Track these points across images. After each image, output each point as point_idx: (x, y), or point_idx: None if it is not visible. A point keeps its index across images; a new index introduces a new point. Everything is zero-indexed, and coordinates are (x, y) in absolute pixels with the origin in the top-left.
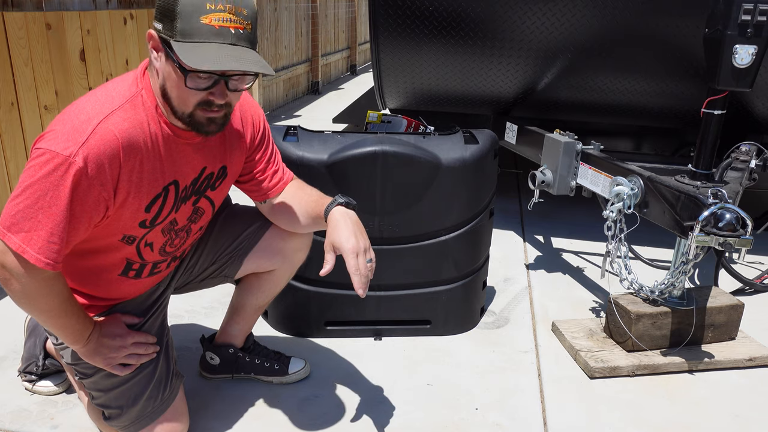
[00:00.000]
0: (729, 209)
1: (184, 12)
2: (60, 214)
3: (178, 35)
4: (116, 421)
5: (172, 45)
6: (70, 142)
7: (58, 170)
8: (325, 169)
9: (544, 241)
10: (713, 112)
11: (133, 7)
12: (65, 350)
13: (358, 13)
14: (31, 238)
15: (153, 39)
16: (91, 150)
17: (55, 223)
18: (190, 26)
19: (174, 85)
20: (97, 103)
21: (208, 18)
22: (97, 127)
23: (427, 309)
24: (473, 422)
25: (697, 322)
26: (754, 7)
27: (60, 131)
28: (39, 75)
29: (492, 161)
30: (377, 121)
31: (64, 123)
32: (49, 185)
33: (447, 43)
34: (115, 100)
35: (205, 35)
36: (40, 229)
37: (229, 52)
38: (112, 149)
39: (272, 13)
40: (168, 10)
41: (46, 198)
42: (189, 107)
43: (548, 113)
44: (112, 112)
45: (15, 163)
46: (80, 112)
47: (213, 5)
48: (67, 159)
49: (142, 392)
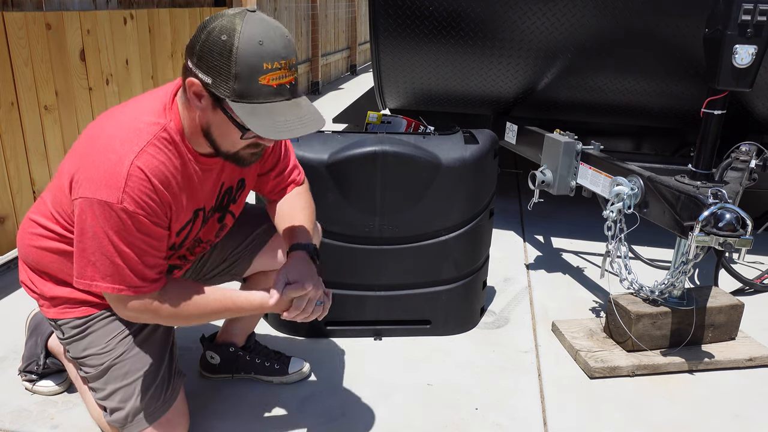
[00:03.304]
0: (729, 209)
1: (241, 75)
2: (138, 247)
3: (235, 96)
4: (118, 418)
5: (229, 104)
6: (112, 188)
7: (116, 215)
8: (325, 169)
9: (544, 241)
10: (713, 112)
11: (133, 7)
12: (72, 344)
13: (358, 13)
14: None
15: (196, 87)
16: (133, 191)
17: (141, 253)
18: (248, 88)
19: (224, 133)
20: (125, 141)
21: (266, 78)
22: (131, 169)
23: (427, 309)
24: (473, 422)
25: (697, 322)
26: (754, 7)
27: (96, 178)
28: (39, 75)
29: (492, 161)
30: (377, 121)
31: (97, 167)
32: (116, 228)
33: (447, 43)
34: (142, 135)
35: (264, 95)
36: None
37: (291, 112)
38: (150, 187)
39: (272, 13)
40: (221, 70)
41: (118, 237)
42: (236, 149)
43: (548, 113)
44: (141, 151)
45: (15, 164)
46: (109, 151)
47: (269, 65)
48: (117, 205)
49: (147, 390)
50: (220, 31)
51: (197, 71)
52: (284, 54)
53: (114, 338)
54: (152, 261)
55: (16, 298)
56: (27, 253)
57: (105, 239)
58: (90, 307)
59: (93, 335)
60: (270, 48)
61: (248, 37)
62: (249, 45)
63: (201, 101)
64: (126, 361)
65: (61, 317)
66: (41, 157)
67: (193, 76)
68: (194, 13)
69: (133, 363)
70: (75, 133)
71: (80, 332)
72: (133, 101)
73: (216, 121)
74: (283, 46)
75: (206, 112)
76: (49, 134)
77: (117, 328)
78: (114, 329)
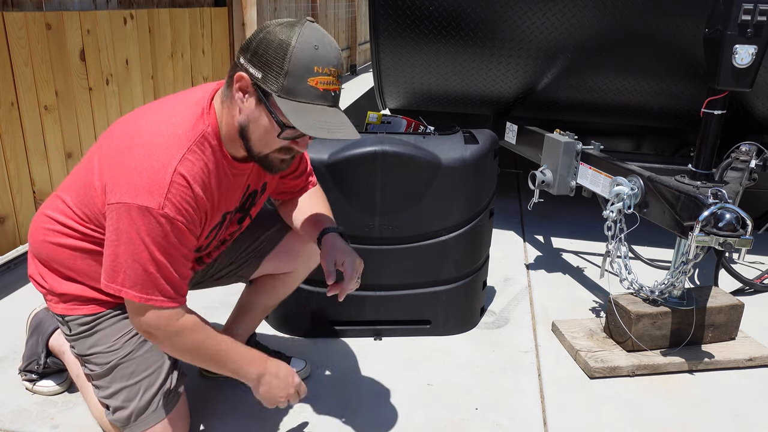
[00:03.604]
0: (729, 209)
1: (293, 72)
2: (171, 256)
3: (282, 92)
4: (121, 418)
5: (275, 99)
6: (154, 194)
7: (155, 221)
8: (325, 169)
9: (544, 241)
10: (713, 112)
11: (133, 7)
12: (79, 341)
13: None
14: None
15: (244, 82)
16: (175, 198)
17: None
18: (297, 86)
19: (262, 130)
20: (167, 148)
21: (314, 80)
22: (174, 176)
23: (427, 309)
24: (473, 422)
25: (697, 322)
26: (754, 7)
27: (138, 184)
28: (39, 75)
29: (492, 161)
30: (377, 121)
31: (140, 173)
32: (153, 235)
33: (447, 43)
34: (183, 140)
35: (310, 97)
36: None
37: (331, 117)
38: (191, 194)
39: (272, 13)
40: (273, 64)
41: (155, 244)
42: (268, 150)
43: (548, 113)
44: (183, 157)
45: (15, 164)
46: (152, 158)
47: (321, 68)
48: (157, 211)
49: (151, 391)
50: (279, 31)
51: (248, 66)
52: (335, 63)
53: (122, 337)
54: (184, 271)
55: (16, 298)
56: (40, 248)
57: (141, 246)
58: (99, 305)
59: (101, 333)
60: (323, 54)
61: (305, 40)
62: (305, 46)
63: (245, 97)
64: (132, 361)
65: (70, 313)
66: (41, 157)
67: (243, 71)
68: (194, 13)
69: (139, 363)
70: (75, 133)
71: (88, 329)
72: (168, 102)
73: (256, 117)
74: (335, 56)
75: (248, 108)
76: (49, 134)
77: (125, 327)
78: (122, 328)
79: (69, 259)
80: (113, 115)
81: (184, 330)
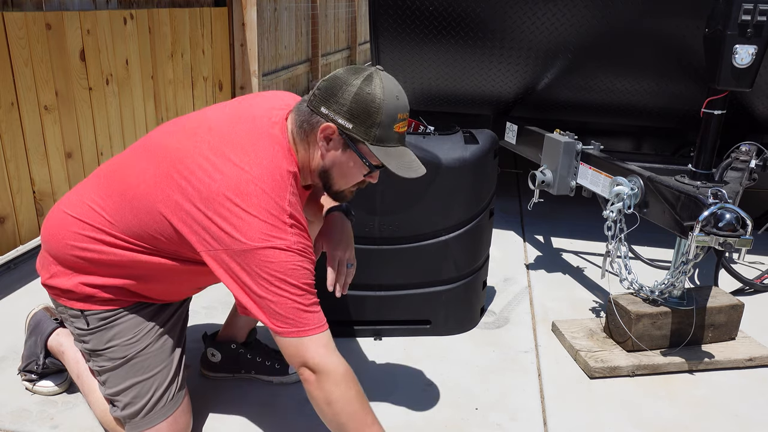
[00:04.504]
0: (729, 209)
1: (384, 123)
2: (309, 284)
3: (374, 140)
4: (129, 413)
5: (367, 147)
6: (283, 234)
7: (294, 256)
8: None
9: (544, 241)
10: (713, 112)
11: (133, 7)
12: (96, 335)
13: (358, 13)
14: (315, 318)
15: (330, 130)
16: (296, 234)
17: (311, 287)
18: (386, 134)
19: (347, 172)
20: (274, 194)
21: (398, 126)
22: (290, 218)
23: (427, 309)
24: (473, 422)
25: (697, 322)
26: (754, 7)
27: (265, 229)
28: (39, 75)
29: (492, 161)
30: None
31: (263, 221)
32: (295, 267)
33: (447, 43)
34: (283, 185)
35: (394, 141)
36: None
37: (407, 155)
38: (303, 227)
39: (272, 13)
40: (366, 117)
41: (298, 277)
42: (348, 186)
43: (548, 113)
44: (289, 201)
45: (15, 164)
46: (267, 207)
47: (402, 115)
48: (291, 246)
49: (161, 387)
50: (365, 85)
51: (336, 117)
52: (408, 107)
53: (141, 330)
54: (315, 291)
55: (16, 298)
56: (66, 251)
57: (284, 284)
58: (118, 303)
59: (121, 326)
60: (403, 102)
61: (390, 92)
62: (390, 98)
63: (329, 144)
64: (148, 355)
65: (89, 308)
66: (41, 157)
67: (330, 121)
68: (194, 13)
69: (153, 358)
70: (75, 133)
71: (108, 323)
72: (246, 144)
73: (343, 161)
74: (406, 101)
75: (332, 153)
76: (49, 134)
77: (143, 321)
78: (141, 321)
79: (97, 264)
80: (113, 115)
81: (346, 368)
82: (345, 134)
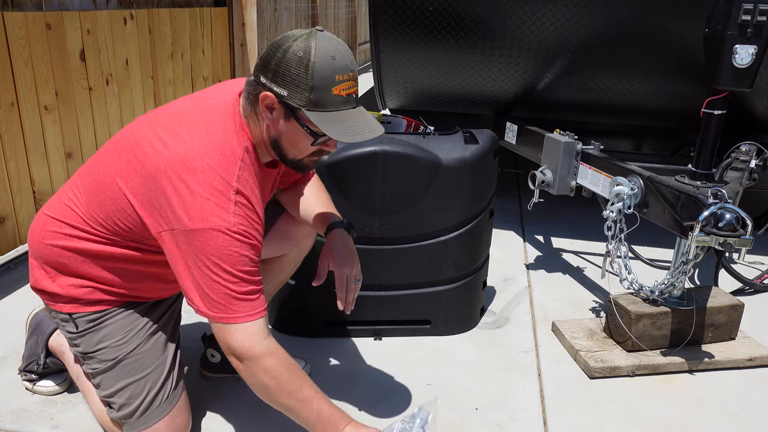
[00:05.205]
0: (729, 209)
1: (318, 86)
2: (248, 271)
3: (311, 105)
4: (125, 414)
5: (305, 114)
6: (224, 214)
7: (232, 238)
8: (325, 169)
9: (544, 241)
10: (713, 112)
11: (133, 7)
12: (86, 337)
13: (358, 13)
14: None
15: (269, 100)
16: (242, 214)
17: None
18: (323, 98)
19: (294, 141)
20: (221, 170)
21: (337, 89)
22: (236, 196)
23: (427, 309)
24: (473, 422)
25: (697, 322)
26: (754, 7)
27: (206, 208)
28: (39, 75)
29: (492, 161)
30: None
31: (206, 198)
32: (232, 253)
33: (447, 43)
34: (233, 161)
35: (337, 105)
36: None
37: (357, 118)
38: (251, 208)
39: (272, 13)
40: (297, 82)
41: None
42: (302, 156)
43: (548, 113)
44: (238, 177)
45: (15, 164)
46: (213, 182)
47: (341, 76)
48: (230, 229)
49: (155, 386)
50: (297, 49)
51: (272, 85)
52: (351, 67)
53: (130, 331)
54: (257, 279)
55: (16, 298)
56: (43, 250)
57: (218, 268)
58: (106, 303)
59: (110, 327)
60: (341, 62)
61: (323, 53)
62: (324, 59)
63: (273, 113)
64: (139, 356)
65: (77, 311)
66: (41, 157)
67: (267, 90)
68: (194, 13)
69: (145, 358)
70: (75, 133)
71: (96, 324)
72: (199, 123)
73: (287, 130)
74: (350, 60)
75: (277, 123)
76: (49, 134)
77: (133, 321)
78: (131, 322)
79: (77, 261)
80: (113, 115)
81: (270, 352)
82: (283, 102)
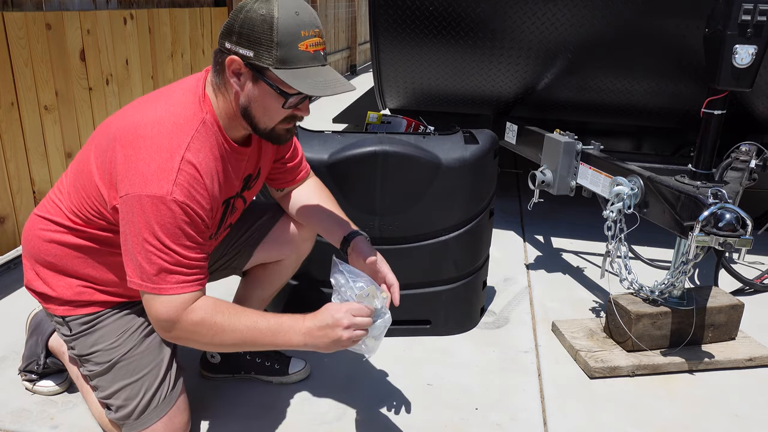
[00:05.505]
0: (729, 209)
1: (284, 42)
2: (183, 243)
3: (278, 63)
4: (123, 415)
5: (272, 73)
6: (163, 182)
7: (167, 207)
8: (325, 169)
9: (544, 241)
10: (713, 112)
11: (133, 7)
12: (80, 340)
13: (358, 13)
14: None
15: (236, 64)
16: (184, 183)
17: (187, 248)
18: (289, 54)
19: (265, 105)
20: (171, 135)
21: (304, 44)
22: (182, 163)
23: (427, 309)
24: (473, 422)
25: (697, 322)
26: (754, 7)
27: (147, 173)
28: (39, 75)
29: (492, 161)
30: (377, 121)
31: (148, 164)
32: (163, 222)
33: (447, 43)
34: (186, 129)
35: (304, 61)
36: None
37: (327, 75)
38: (200, 178)
39: None
40: (262, 40)
41: (164, 232)
42: (274, 123)
43: (548, 113)
44: (189, 145)
45: (15, 164)
46: (159, 148)
47: (306, 32)
48: (168, 197)
49: (152, 387)
50: (258, 8)
51: (237, 48)
52: (316, 23)
53: (123, 333)
54: (196, 256)
55: (16, 298)
56: (33, 249)
57: (150, 235)
58: (100, 305)
59: (103, 330)
60: (305, 18)
61: (285, 9)
62: (287, 15)
63: (240, 79)
64: (133, 358)
65: (70, 314)
66: (41, 157)
67: (233, 54)
68: (194, 13)
69: (140, 360)
70: (75, 133)
71: (89, 327)
72: (161, 96)
73: (256, 94)
74: (314, 16)
75: (245, 88)
76: (49, 134)
77: (127, 324)
78: (124, 324)
79: (64, 258)
80: None
81: (202, 316)
82: (249, 64)
